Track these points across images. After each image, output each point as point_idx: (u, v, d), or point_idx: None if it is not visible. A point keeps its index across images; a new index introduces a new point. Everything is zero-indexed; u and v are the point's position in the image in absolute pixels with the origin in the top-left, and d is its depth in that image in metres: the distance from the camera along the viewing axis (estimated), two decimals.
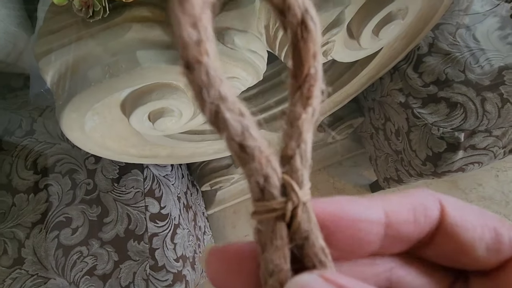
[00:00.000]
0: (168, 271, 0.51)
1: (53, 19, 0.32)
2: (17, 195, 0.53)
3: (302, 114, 0.09)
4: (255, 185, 0.08)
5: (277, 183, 0.08)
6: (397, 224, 0.10)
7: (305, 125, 0.09)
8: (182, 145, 0.50)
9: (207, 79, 0.07)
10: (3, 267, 0.49)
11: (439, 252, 0.10)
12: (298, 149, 0.09)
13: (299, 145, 0.09)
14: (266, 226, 0.09)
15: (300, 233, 0.09)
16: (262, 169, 0.08)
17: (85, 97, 0.30)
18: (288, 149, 0.09)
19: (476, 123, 0.49)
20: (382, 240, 0.10)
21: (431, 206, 0.10)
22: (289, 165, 0.09)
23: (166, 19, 0.33)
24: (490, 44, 0.50)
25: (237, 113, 0.08)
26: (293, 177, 0.09)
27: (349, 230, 0.09)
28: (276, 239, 0.09)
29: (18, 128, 0.58)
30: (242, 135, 0.08)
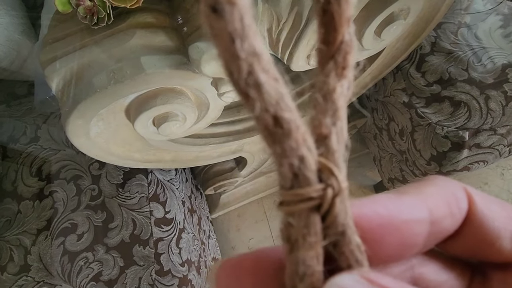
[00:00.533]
0: (174, 276, 0.51)
1: (58, 26, 0.33)
2: (23, 202, 0.53)
3: (337, 86, 0.07)
4: (288, 168, 0.07)
5: (313, 167, 0.07)
6: (438, 220, 0.09)
7: (341, 99, 0.07)
8: (186, 149, 0.50)
9: (241, 27, 0.06)
10: (10, 274, 0.49)
11: (463, 244, 0.10)
12: (334, 127, 0.07)
13: (335, 122, 0.07)
14: (298, 220, 0.07)
15: (336, 227, 0.07)
16: (298, 149, 0.07)
17: (90, 104, 0.30)
18: (322, 127, 0.07)
19: (480, 122, 0.49)
20: (426, 240, 0.09)
21: (461, 196, 0.09)
22: (324, 146, 0.07)
23: (170, 25, 0.33)
24: (492, 42, 0.50)
25: (273, 77, 0.06)
26: (330, 159, 0.07)
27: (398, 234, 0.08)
28: (309, 235, 0.07)
29: (22, 135, 0.58)
30: (277, 104, 0.06)
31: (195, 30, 0.31)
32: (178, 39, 0.32)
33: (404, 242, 0.08)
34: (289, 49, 0.35)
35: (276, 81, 0.06)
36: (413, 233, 0.08)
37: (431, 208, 0.09)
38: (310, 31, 0.32)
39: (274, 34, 0.34)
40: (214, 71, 0.31)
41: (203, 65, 0.30)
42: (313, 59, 0.38)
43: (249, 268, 0.08)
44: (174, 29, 0.33)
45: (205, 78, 0.34)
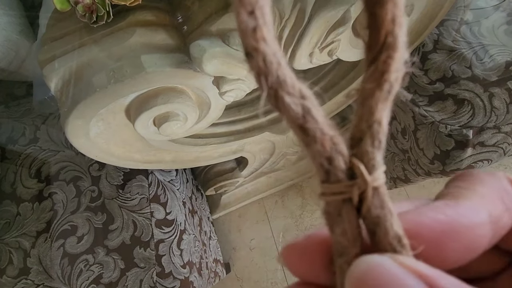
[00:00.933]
0: (175, 278, 0.51)
1: (56, 25, 0.32)
2: (22, 204, 0.53)
3: (375, 91, 0.08)
4: (320, 167, 0.08)
5: (342, 166, 0.08)
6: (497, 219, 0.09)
7: (379, 104, 0.08)
8: (186, 149, 0.49)
9: (264, 66, 0.07)
10: (9, 277, 0.49)
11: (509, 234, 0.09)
12: (369, 130, 0.08)
13: (371, 125, 0.08)
14: (333, 208, 0.08)
15: (371, 218, 0.08)
16: (326, 151, 0.08)
17: (90, 103, 0.30)
18: (357, 130, 0.08)
19: (484, 120, 0.48)
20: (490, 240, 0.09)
21: (510, 189, 0.09)
22: (358, 147, 0.08)
23: (170, 23, 0.32)
24: (496, 39, 0.49)
25: (298, 96, 0.08)
26: (363, 160, 0.08)
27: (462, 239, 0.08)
28: (343, 222, 0.08)
29: (21, 136, 0.58)
30: (302, 117, 0.08)
31: (196, 28, 0.31)
32: (179, 37, 0.32)
33: (468, 246, 0.08)
34: (292, 47, 0.34)
35: (303, 98, 0.08)
36: (476, 236, 0.08)
37: (489, 208, 0.09)
38: (313, 28, 0.32)
39: (276, 32, 0.34)
40: (216, 70, 0.31)
41: (205, 63, 0.29)
42: (315, 57, 0.38)
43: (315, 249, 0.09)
44: (174, 27, 0.32)
45: (207, 77, 0.34)
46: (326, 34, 0.34)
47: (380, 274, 0.07)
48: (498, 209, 0.09)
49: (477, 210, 0.09)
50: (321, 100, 0.56)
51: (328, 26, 0.33)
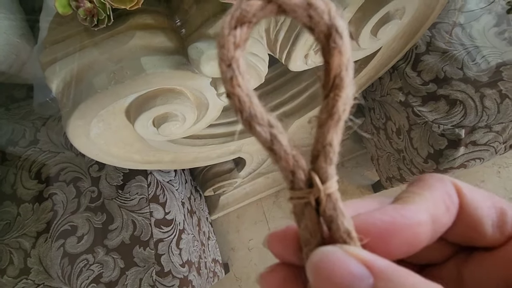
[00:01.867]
0: (175, 277, 0.51)
1: (58, 29, 0.33)
2: (22, 205, 0.53)
3: (327, 120, 0.10)
4: (286, 178, 0.10)
5: (303, 177, 0.10)
6: (439, 218, 0.11)
7: (330, 130, 0.10)
8: (185, 150, 0.50)
9: (240, 105, 0.10)
10: (10, 277, 0.49)
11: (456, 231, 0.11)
12: (323, 150, 0.10)
13: (324, 147, 0.10)
14: (298, 209, 0.10)
15: (326, 217, 0.10)
16: (289, 166, 0.10)
17: (90, 104, 0.31)
18: (314, 150, 0.10)
19: (476, 119, 0.50)
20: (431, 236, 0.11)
21: (453, 192, 0.11)
22: (315, 163, 0.10)
23: (169, 26, 0.33)
24: (486, 41, 0.51)
25: (266, 125, 0.10)
26: (318, 173, 0.10)
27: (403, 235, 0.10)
28: (306, 220, 0.10)
29: (21, 138, 0.58)
30: (270, 141, 0.10)
31: (194, 31, 0.32)
32: (178, 40, 0.33)
33: (409, 241, 0.10)
34: (287, 49, 0.35)
35: (271, 127, 0.10)
36: (415, 233, 0.10)
37: (430, 210, 0.11)
38: None
39: (272, 34, 0.35)
40: (213, 71, 0.32)
41: (203, 65, 0.30)
42: (310, 59, 0.39)
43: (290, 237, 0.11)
44: (173, 30, 0.33)
45: (205, 78, 0.35)
46: None
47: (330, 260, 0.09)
48: (439, 210, 0.11)
49: (419, 212, 0.10)
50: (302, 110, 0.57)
51: None
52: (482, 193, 0.11)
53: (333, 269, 0.09)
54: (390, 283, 0.09)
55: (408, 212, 0.10)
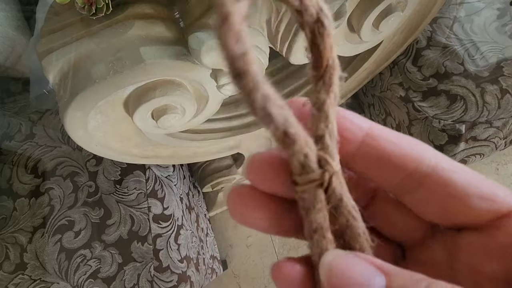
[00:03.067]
0: (173, 272, 0.51)
1: (55, 18, 0.32)
2: (18, 200, 0.53)
3: (326, 99, 0.10)
4: (297, 162, 0.10)
5: (314, 159, 0.10)
6: (380, 139, 0.11)
7: (330, 108, 0.10)
8: (184, 144, 0.50)
9: (254, 84, 0.09)
10: (6, 273, 0.49)
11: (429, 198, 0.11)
12: (327, 129, 0.10)
13: (327, 125, 0.10)
14: (309, 194, 0.10)
15: (335, 196, 0.10)
16: (303, 149, 0.10)
17: (89, 94, 0.30)
18: (318, 130, 0.10)
19: (476, 115, 0.49)
20: (359, 146, 0.11)
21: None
22: (321, 143, 0.10)
23: (168, 16, 0.33)
24: (487, 36, 0.51)
25: (279, 107, 0.09)
26: (326, 152, 0.10)
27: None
28: (317, 203, 0.10)
29: (17, 132, 0.58)
30: (284, 124, 0.09)
31: (194, 21, 0.31)
32: (177, 30, 0.32)
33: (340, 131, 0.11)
34: (288, 41, 0.35)
35: (282, 109, 0.09)
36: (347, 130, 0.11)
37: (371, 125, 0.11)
38: None
39: (273, 26, 0.34)
40: (214, 62, 0.31)
41: (203, 55, 0.29)
42: None
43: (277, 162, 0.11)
44: (172, 20, 0.32)
45: (205, 70, 0.34)
46: None
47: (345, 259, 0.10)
48: (384, 131, 0.11)
49: (359, 118, 0.11)
50: None
51: None
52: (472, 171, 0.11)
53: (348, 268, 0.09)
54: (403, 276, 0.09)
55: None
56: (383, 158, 0.11)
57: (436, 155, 0.11)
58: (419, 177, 0.10)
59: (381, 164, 0.11)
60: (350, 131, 0.11)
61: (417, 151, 0.11)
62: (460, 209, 0.10)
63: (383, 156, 0.11)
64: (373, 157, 0.11)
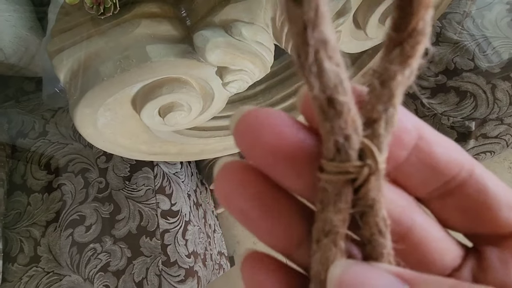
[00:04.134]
0: (180, 267, 0.52)
1: (65, 18, 0.33)
2: (32, 195, 0.55)
3: (398, 74, 0.07)
4: (333, 143, 0.08)
5: (356, 146, 0.08)
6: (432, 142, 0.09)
7: (399, 87, 0.08)
8: (191, 141, 0.50)
9: (315, 16, 0.06)
10: (20, 265, 0.50)
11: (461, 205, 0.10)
12: (384, 113, 0.08)
13: (387, 109, 0.08)
14: (333, 188, 0.08)
15: (366, 200, 0.08)
16: (346, 128, 0.08)
17: (97, 92, 0.31)
18: (374, 112, 0.08)
19: (487, 111, 0.48)
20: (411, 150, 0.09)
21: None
22: (371, 129, 0.08)
23: (175, 15, 0.33)
24: (499, 32, 0.49)
25: (335, 63, 0.07)
26: (374, 142, 0.08)
27: None
28: (340, 202, 0.08)
29: (31, 130, 0.60)
30: (335, 88, 0.07)
31: (199, 19, 0.32)
32: (183, 28, 0.33)
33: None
34: None
35: (338, 66, 0.07)
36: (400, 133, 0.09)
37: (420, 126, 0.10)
38: None
39: (278, 23, 0.34)
40: (219, 60, 0.31)
41: (208, 53, 0.30)
42: None
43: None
44: (179, 19, 0.33)
45: (210, 67, 0.34)
46: None
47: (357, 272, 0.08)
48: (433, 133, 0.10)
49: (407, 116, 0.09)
50: None
51: None
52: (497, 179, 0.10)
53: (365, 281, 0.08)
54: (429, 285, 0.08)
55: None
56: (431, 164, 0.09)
57: (474, 162, 0.10)
58: (455, 183, 0.10)
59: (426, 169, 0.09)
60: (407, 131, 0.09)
61: (462, 156, 0.10)
62: (490, 217, 0.10)
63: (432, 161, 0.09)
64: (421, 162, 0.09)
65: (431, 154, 0.09)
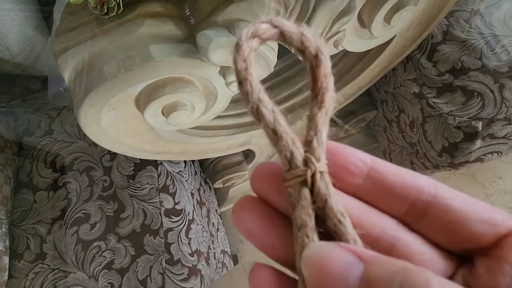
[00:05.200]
0: (184, 265, 0.52)
1: (69, 18, 0.33)
2: (38, 193, 0.55)
3: (317, 113, 0.12)
4: (285, 158, 0.11)
5: (299, 157, 0.11)
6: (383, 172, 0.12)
7: (320, 120, 0.12)
8: (195, 140, 0.51)
9: (251, 89, 0.11)
10: (26, 262, 0.51)
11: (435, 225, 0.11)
12: (315, 136, 0.12)
13: (316, 133, 0.12)
14: (294, 190, 0.11)
15: (320, 196, 0.11)
16: (288, 146, 0.11)
17: (101, 92, 0.31)
18: (308, 136, 0.12)
19: (494, 111, 0.48)
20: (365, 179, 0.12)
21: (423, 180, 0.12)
22: (309, 147, 0.12)
23: (178, 14, 0.33)
24: (507, 30, 0.49)
25: (270, 109, 0.12)
26: (312, 154, 0.12)
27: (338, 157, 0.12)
28: (301, 200, 0.11)
29: (37, 128, 0.60)
30: (273, 123, 0.11)
31: (203, 18, 0.32)
32: (186, 28, 0.33)
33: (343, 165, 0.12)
34: None
35: (273, 111, 0.12)
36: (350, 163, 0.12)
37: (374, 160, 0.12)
38: (318, 18, 0.32)
39: None
40: (222, 59, 0.31)
41: (211, 52, 0.30)
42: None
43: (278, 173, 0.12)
44: (182, 19, 0.33)
45: (213, 67, 0.34)
46: (331, 24, 0.34)
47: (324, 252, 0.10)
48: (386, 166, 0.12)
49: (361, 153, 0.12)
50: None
51: (333, 15, 0.33)
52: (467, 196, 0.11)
53: (327, 259, 0.10)
54: (381, 265, 0.09)
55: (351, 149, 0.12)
56: (387, 190, 0.12)
57: (436, 185, 0.11)
58: (422, 206, 0.11)
59: (386, 195, 0.12)
60: (355, 165, 0.12)
61: (417, 182, 0.12)
62: (464, 234, 0.11)
63: (387, 187, 0.12)
64: (378, 189, 0.12)
65: (383, 181, 0.12)
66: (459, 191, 0.11)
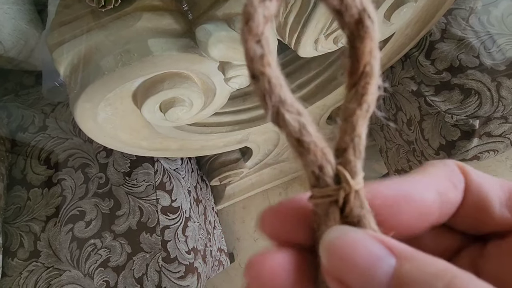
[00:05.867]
0: (180, 263, 0.52)
1: (65, 11, 0.33)
2: (32, 190, 0.54)
3: (356, 110, 0.09)
4: (311, 174, 0.09)
5: (330, 173, 0.09)
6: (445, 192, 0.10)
7: (359, 120, 0.09)
8: (192, 137, 0.50)
9: (269, 87, 0.09)
10: (20, 260, 0.50)
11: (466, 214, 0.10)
12: (351, 143, 0.09)
13: (353, 139, 0.09)
14: (321, 209, 0.09)
15: (353, 217, 0.09)
16: (317, 161, 0.09)
17: (98, 87, 0.31)
18: (342, 143, 0.10)
19: (491, 110, 0.48)
20: (440, 210, 0.10)
21: (457, 170, 0.11)
22: (343, 157, 0.09)
23: (176, 8, 0.33)
24: (505, 28, 0.49)
25: (295, 113, 0.09)
26: (346, 167, 0.09)
27: (413, 204, 0.10)
28: (329, 221, 0.09)
29: (31, 124, 0.59)
30: (299, 131, 0.09)
31: (202, 13, 0.31)
32: (185, 22, 0.32)
33: (419, 211, 0.10)
34: (297, 33, 0.35)
35: (299, 115, 0.09)
36: (424, 203, 0.10)
37: (437, 184, 0.10)
38: (318, 13, 0.32)
39: (281, 17, 0.34)
40: (221, 54, 0.31)
41: (210, 47, 0.29)
42: (320, 45, 0.38)
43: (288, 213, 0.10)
44: (180, 13, 0.32)
45: (212, 62, 0.34)
46: (332, 20, 0.34)
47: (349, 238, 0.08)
48: (444, 185, 0.10)
49: (425, 182, 0.10)
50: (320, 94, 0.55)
51: None
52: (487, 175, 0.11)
53: (352, 248, 0.08)
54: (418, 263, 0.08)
55: (416, 183, 0.10)
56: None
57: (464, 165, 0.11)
58: None
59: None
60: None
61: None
62: (484, 216, 0.10)
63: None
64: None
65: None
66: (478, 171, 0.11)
